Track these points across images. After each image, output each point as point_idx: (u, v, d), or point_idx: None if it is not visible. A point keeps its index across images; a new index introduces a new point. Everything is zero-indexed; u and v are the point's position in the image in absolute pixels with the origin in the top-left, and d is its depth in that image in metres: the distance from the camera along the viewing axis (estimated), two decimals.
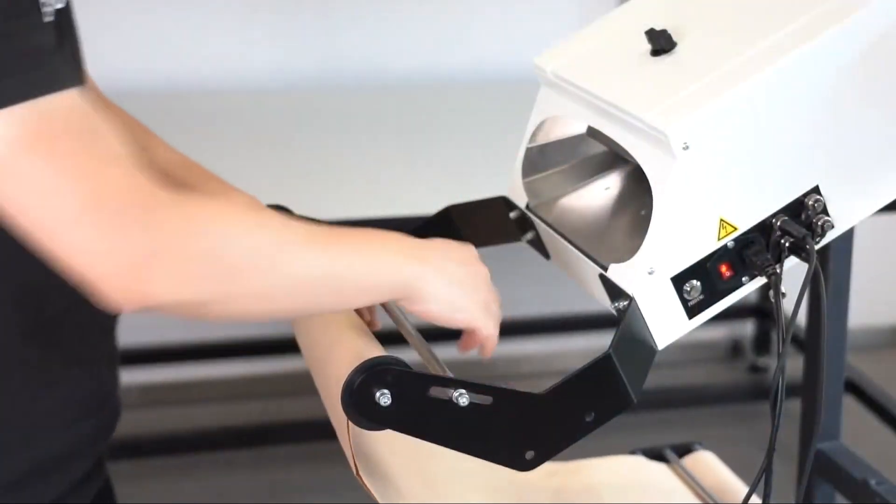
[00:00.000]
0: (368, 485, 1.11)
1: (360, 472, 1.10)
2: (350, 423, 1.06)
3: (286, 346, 3.16)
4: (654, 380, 1.27)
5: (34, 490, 1.15)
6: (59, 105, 0.94)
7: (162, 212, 0.95)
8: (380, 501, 1.12)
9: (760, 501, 1.15)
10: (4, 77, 0.92)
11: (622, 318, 1.11)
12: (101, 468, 1.27)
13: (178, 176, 1.26)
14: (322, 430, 2.95)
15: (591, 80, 1.25)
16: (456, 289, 1.12)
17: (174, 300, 0.96)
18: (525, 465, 1.08)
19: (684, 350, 3.46)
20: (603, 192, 1.37)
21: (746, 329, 3.60)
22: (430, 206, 1.43)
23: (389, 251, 1.09)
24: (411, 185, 2.36)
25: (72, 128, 0.94)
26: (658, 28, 1.22)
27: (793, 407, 2.02)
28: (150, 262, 0.94)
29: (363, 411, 1.05)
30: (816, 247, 1.15)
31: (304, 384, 3.26)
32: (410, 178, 2.43)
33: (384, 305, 1.28)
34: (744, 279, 1.16)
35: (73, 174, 0.93)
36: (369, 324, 1.23)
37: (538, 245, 1.35)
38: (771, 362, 3.47)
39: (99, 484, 1.26)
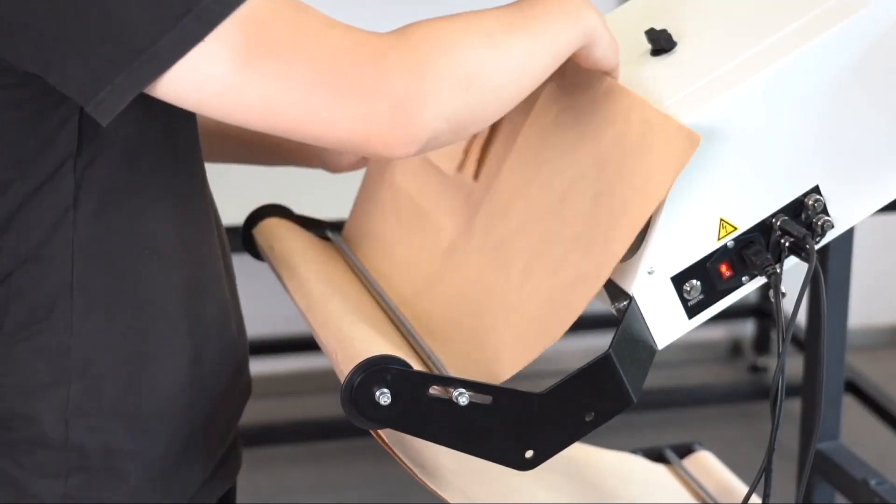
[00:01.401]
0: (433, 486, 1.10)
1: (421, 476, 1.10)
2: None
3: (286, 346, 3.17)
4: (654, 380, 1.27)
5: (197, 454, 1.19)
6: (255, 3, 0.97)
7: (392, 55, 0.98)
8: (451, 502, 1.12)
9: (760, 501, 1.15)
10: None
11: (622, 318, 1.11)
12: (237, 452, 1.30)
13: None
14: (322, 430, 2.97)
15: None
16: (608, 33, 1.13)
17: (442, 123, 1.00)
18: (524, 465, 1.08)
19: (684, 350, 3.45)
20: None
21: (746, 329, 3.60)
22: None
23: (567, 9, 1.09)
24: None
25: (278, 18, 0.97)
26: (658, 28, 1.23)
27: (793, 407, 2.03)
28: (406, 102, 0.98)
29: (363, 410, 1.05)
30: (816, 247, 1.15)
31: (304, 384, 3.27)
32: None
33: (383, 304, 1.28)
34: (744, 279, 1.16)
35: (301, 60, 0.97)
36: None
37: None
38: (771, 362, 3.47)
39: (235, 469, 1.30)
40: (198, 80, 0.97)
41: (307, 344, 3.06)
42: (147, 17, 0.95)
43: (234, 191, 1.33)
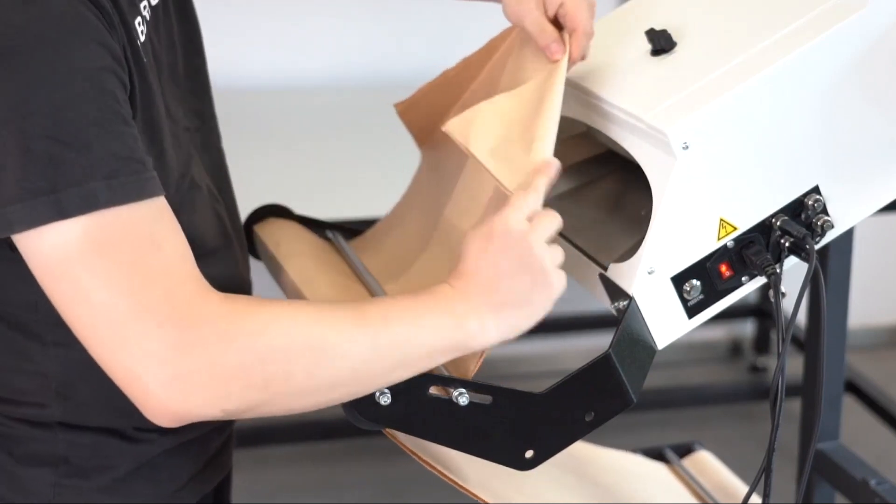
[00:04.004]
0: (471, 489, 1.11)
1: (452, 476, 1.10)
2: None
3: None
4: (654, 380, 1.27)
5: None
6: (126, 216, 0.96)
7: (200, 329, 0.96)
8: (490, 502, 1.12)
9: (760, 501, 1.15)
10: (77, 185, 0.94)
11: (622, 318, 1.11)
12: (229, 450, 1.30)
13: None
14: (322, 430, 2.97)
15: (592, 80, 1.25)
16: (509, 313, 1.05)
17: (215, 413, 0.98)
18: (524, 465, 1.08)
19: (684, 350, 3.45)
20: (603, 191, 1.37)
21: (746, 329, 3.59)
22: None
23: (428, 318, 1.03)
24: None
25: (130, 240, 0.97)
26: (658, 28, 1.23)
27: (793, 407, 2.02)
28: (188, 383, 0.96)
29: (363, 410, 1.05)
30: (816, 247, 1.15)
31: None
32: (411, 177, 2.42)
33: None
34: (743, 279, 1.16)
35: (117, 288, 0.96)
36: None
37: None
38: (771, 362, 3.47)
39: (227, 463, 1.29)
40: (30, 246, 0.97)
41: None
42: (10, 180, 0.95)
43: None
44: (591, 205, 1.35)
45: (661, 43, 1.22)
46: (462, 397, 1.05)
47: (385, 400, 1.04)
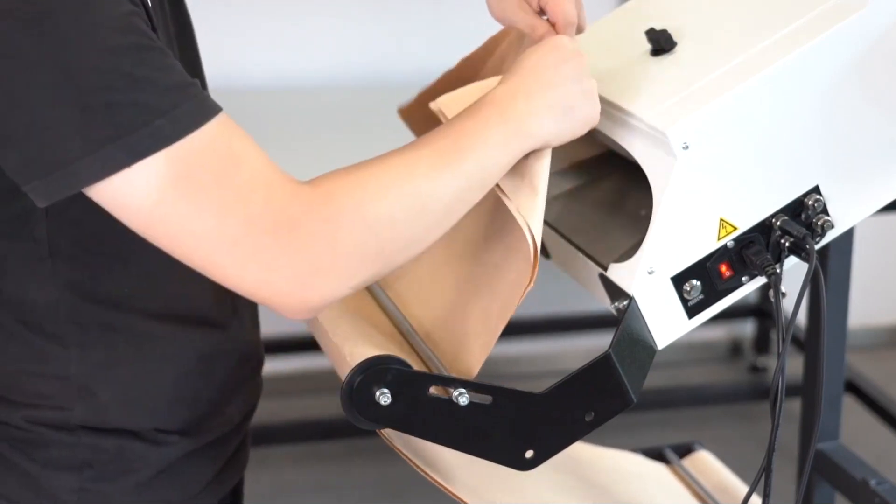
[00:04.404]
0: (445, 483, 1.11)
1: (432, 473, 1.10)
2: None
3: (286, 346, 3.16)
4: (654, 380, 1.27)
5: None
6: (198, 141, 0.97)
7: (307, 224, 0.98)
8: (468, 502, 1.12)
9: (760, 501, 1.15)
10: (143, 125, 0.94)
11: (622, 318, 1.11)
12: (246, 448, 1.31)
13: None
14: (322, 430, 2.97)
15: None
16: (560, 115, 1.09)
17: (344, 293, 1.01)
18: (524, 465, 1.08)
19: (684, 350, 3.45)
20: (603, 192, 1.37)
21: (746, 329, 3.60)
22: None
23: (493, 134, 1.06)
24: None
25: (211, 162, 0.97)
26: (658, 28, 1.23)
27: (793, 407, 2.02)
28: (313, 275, 0.98)
29: (363, 410, 1.05)
30: (816, 247, 1.15)
31: (304, 384, 3.27)
32: None
33: (380, 304, 1.28)
34: (744, 279, 1.16)
35: (217, 212, 0.97)
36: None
37: None
38: (771, 362, 3.47)
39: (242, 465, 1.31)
40: (118, 200, 0.97)
41: (307, 344, 3.06)
42: (71, 135, 0.95)
43: None
44: (592, 205, 1.35)
45: (661, 43, 1.22)
46: (462, 397, 1.05)
47: (385, 400, 1.04)
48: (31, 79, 0.94)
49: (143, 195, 0.96)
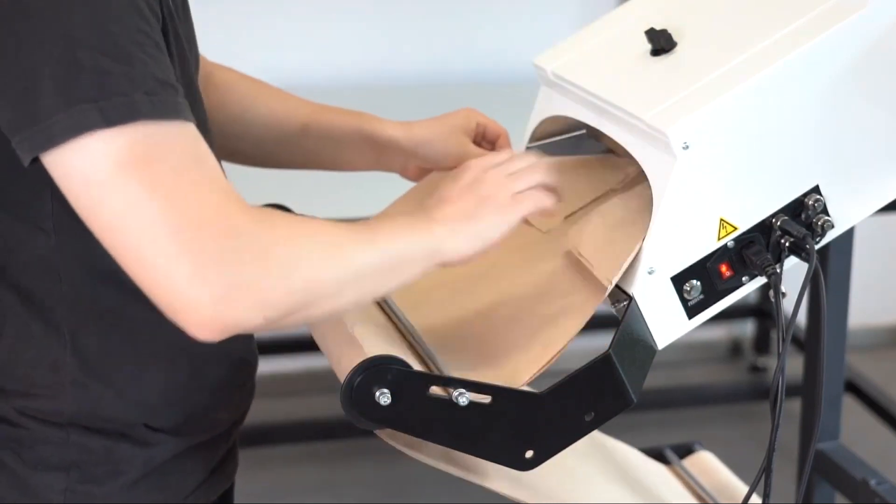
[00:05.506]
0: (500, 489, 1.11)
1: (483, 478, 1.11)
2: None
3: (285, 346, 3.17)
4: (654, 380, 1.27)
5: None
6: (167, 130, 0.97)
7: (248, 238, 0.97)
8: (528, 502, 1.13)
9: (760, 501, 1.15)
10: (123, 95, 0.95)
11: (622, 318, 1.11)
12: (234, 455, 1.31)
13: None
14: (322, 430, 2.97)
15: (592, 80, 1.25)
16: (473, 225, 1.12)
17: (258, 322, 0.98)
18: (524, 465, 1.08)
19: (684, 350, 3.45)
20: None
21: (746, 329, 3.60)
22: None
23: (414, 225, 1.11)
24: (412, 184, 2.36)
25: (175, 153, 0.97)
26: (658, 28, 1.22)
27: (793, 407, 2.03)
28: (238, 290, 0.96)
29: (363, 410, 1.05)
30: (816, 247, 1.15)
31: (303, 384, 3.27)
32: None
33: (382, 305, 1.28)
34: (744, 279, 1.16)
35: (165, 200, 0.95)
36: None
37: None
38: (771, 362, 3.47)
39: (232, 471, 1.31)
40: (74, 166, 0.96)
41: (307, 344, 3.06)
42: (52, 91, 0.95)
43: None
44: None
45: (661, 43, 1.22)
46: (462, 397, 1.05)
47: (385, 400, 1.04)
48: (32, 29, 0.95)
49: (100, 167, 0.95)
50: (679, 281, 1.14)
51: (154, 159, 0.96)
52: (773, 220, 1.15)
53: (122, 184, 0.95)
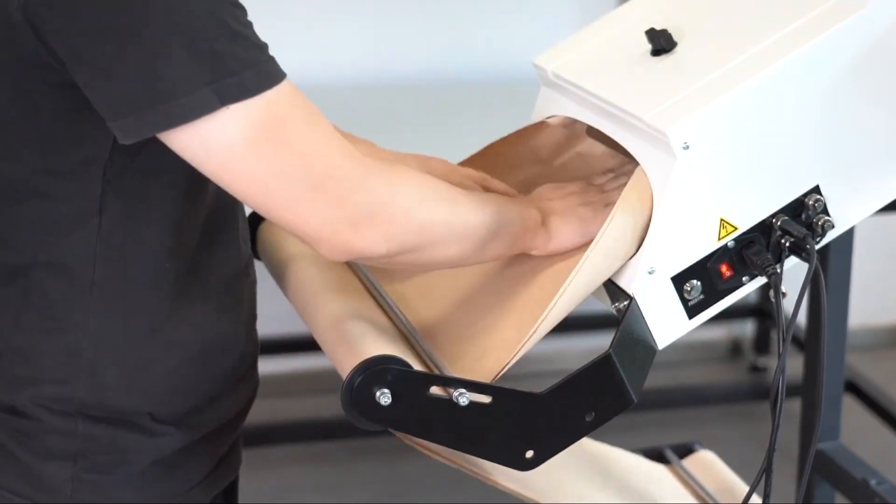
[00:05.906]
0: (515, 488, 1.11)
1: (497, 478, 1.11)
2: None
3: (286, 346, 3.16)
4: (654, 380, 1.27)
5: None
6: (284, 93, 1.05)
7: (372, 180, 1.08)
8: (541, 502, 1.13)
9: (760, 501, 1.15)
10: (242, 71, 1.02)
11: (622, 318, 1.12)
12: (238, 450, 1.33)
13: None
14: (323, 430, 2.97)
15: (592, 80, 1.25)
16: (579, 221, 1.21)
17: (380, 253, 1.09)
18: (525, 465, 1.08)
19: (684, 350, 3.45)
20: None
21: (746, 329, 3.59)
22: None
23: (521, 204, 1.22)
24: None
25: (297, 112, 1.06)
26: (658, 28, 1.23)
27: (793, 407, 2.03)
28: (365, 223, 1.07)
29: (364, 411, 1.05)
30: (817, 247, 1.15)
31: (304, 384, 3.27)
32: None
33: (382, 305, 1.28)
34: (744, 279, 1.16)
35: (304, 156, 1.05)
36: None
37: None
38: (771, 362, 3.47)
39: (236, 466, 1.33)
40: (206, 142, 1.03)
41: (307, 344, 3.05)
42: (179, 72, 1.00)
43: None
44: None
45: (661, 43, 1.22)
46: (462, 397, 1.05)
47: (385, 400, 1.04)
48: (145, 16, 1.00)
49: (232, 137, 1.02)
50: (679, 281, 1.14)
51: (285, 122, 1.05)
52: (774, 221, 1.15)
53: (262, 151, 1.04)
